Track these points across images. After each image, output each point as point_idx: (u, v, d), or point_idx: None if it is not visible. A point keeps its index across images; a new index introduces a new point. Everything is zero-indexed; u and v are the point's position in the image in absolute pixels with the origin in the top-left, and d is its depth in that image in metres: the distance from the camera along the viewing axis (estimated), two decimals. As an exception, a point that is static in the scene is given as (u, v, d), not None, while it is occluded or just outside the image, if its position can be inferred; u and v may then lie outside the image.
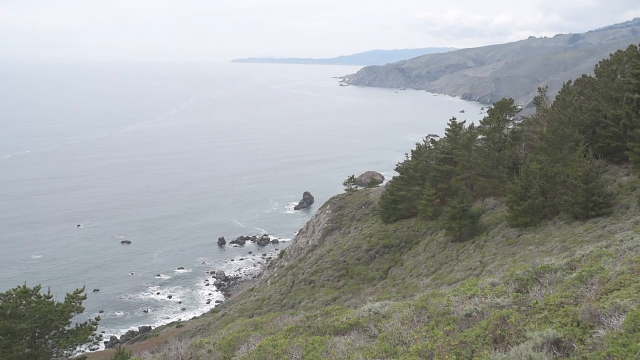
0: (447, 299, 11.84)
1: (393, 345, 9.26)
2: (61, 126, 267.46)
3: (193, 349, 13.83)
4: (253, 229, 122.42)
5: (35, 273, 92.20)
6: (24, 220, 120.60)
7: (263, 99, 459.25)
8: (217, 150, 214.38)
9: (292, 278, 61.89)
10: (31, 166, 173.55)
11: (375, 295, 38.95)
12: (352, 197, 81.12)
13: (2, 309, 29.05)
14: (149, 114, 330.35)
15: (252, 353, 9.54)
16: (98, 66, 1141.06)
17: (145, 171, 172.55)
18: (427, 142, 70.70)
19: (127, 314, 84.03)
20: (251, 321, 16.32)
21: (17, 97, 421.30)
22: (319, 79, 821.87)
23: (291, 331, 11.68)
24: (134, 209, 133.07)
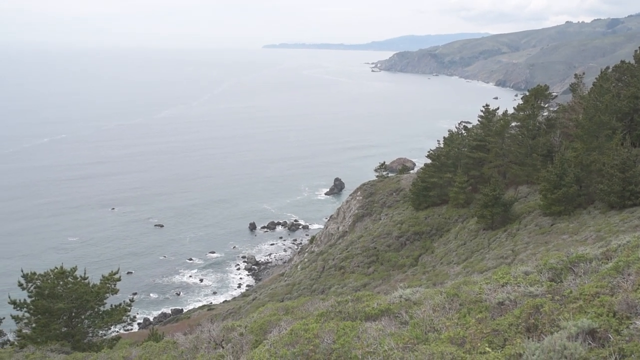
0: (479, 287, 11.77)
1: (424, 332, 9.26)
2: (96, 111, 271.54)
3: (225, 332, 14.01)
4: (284, 215, 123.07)
5: (71, 255, 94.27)
6: (61, 205, 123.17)
7: (294, 85, 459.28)
8: (248, 136, 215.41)
9: (323, 264, 62.11)
10: (67, 152, 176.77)
11: (405, 282, 38.85)
12: (383, 183, 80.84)
13: (40, 289, 29.86)
14: (182, 99, 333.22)
15: (283, 337, 9.63)
16: (130, 52, 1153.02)
17: (179, 157, 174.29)
18: (459, 129, 69.89)
19: (160, 297, 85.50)
20: (282, 305, 16.47)
21: (53, 83, 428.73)
22: (351, 65, 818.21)
23: (322, 316, 11.74)
24: (167, 194, 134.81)
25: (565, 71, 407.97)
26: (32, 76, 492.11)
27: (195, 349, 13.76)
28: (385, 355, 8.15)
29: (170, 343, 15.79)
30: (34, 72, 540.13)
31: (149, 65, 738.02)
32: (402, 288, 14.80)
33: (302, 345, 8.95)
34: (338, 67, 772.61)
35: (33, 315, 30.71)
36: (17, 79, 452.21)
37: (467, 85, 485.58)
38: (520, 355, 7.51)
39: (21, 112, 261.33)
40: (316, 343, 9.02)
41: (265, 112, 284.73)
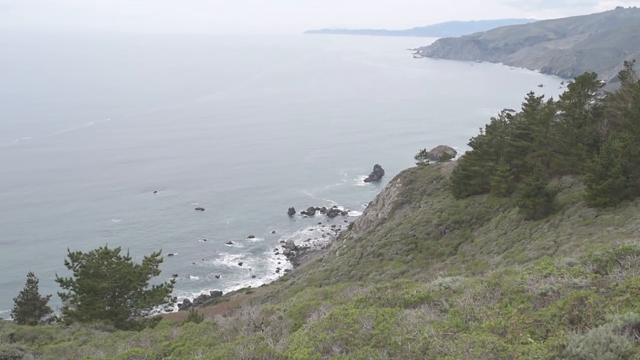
0: (521, 277, 11.61)
1: (465, 321, 9.19)
2: (138, 97, 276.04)
3: (264, 315, 14.16)
4: (323, 201, 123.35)
5: (114, 236, 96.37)
6: (105, 188, 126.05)
7: (334, 71, 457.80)
8: (288, 122, 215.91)
9: (361, 250, 62.14)
10: (111, 136, 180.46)
11: (444, 270, 38.57)
12: (423, 171, 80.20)
13: (85, 269, 30.65)
14: (223, 85, 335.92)
15: (323, 321, 9.69)
16: (171, 39, 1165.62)
17: (220, 143, 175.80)
18: (502, 117, 68.65)
19: (200, 279, 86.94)
20: (321, 290, 16.55)
21: (96, 68, 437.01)
22: (392, 51, 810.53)
23: (361, 302, 11.77)
24: (208, 179, 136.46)
25: (614, 58, 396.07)
26: (76, 61, 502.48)
27: (235, 330, 13.95)
28: (425, 343, 8.13)
29: (210, 324, 16.05)
30: (77, 57, 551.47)
31: (190, 51, 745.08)
32: (441, 276, 14.71)
33: (342, 330, 9.00)
34: (379, 53, 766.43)
35: (78, 294, 31.58)
36: (61, 64, 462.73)
37: (511, 73, 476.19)
38: (564, 346, 7.39)
39: (67, 96, 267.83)
40: (355, 328, 9.05)
41: (305, 98, 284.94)
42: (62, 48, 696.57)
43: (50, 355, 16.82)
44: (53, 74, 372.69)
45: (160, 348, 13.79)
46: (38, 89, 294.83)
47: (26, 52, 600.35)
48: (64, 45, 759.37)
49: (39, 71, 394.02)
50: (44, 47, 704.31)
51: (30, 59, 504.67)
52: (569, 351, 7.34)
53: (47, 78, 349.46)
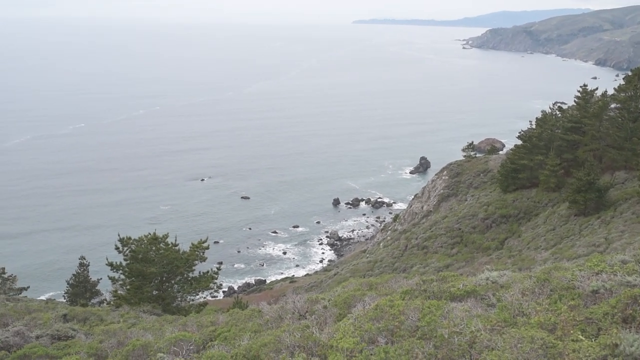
0: (571, 273, 11.36)
1: (513, 316, 9.06)
2: (187, 86, 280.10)
3: (309, 304, 14.25)
4: (368, 192, 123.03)
5: (162, 223, 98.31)
6: (154, 176, 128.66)
7: (382, 62, 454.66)
8: (335, 113, 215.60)
9: (405, 242, 61.82)
10: (160, 125, 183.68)
11: (490, 265, 38.04)
12: (470, 163, 79.10)
13: (135, 253, 31.46)
14: (271, 75, 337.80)
15: (368, 312, 9.69)
16: (219, 28, 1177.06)
17: (266, 134, 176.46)
18: (553, 110, 66.96)
19: (244, 267, 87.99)
20: (366, 281, 16.55)
21: (145, 58, 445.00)
22: (441, 42, 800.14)
23: (407, 293, 11.72)
24: (254, 168, 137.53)
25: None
26: (120, 51, 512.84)
27: (280, 318, 14.09)
28: (472, 336, 8.05)
29: (255, 311, 16.25)
30: (127, 47, 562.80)
31: (238, 41, 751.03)
32: (488, 270, 14.52)
33: (387, 321, 8.99)
34: (427, 43, 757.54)
35: (128, 278, 32.47)
36: (105, 54, 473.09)
37: (564, 64, 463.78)
38: (617, 345, 7.21)
39: (116, 86, 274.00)
40: (401, 320, 9.03)
41: (352, 89, 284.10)
42: (105, 38, 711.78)
43: (101, 336, 17.32)
44: (100, 64, 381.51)
45: (207, 333, 14.04)
46: (88, 78, 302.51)
47: (67, 43, 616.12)
48: (106, 36, 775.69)
49: (84, 61, 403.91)
50: (90, 38, 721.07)
51: (74, 49, 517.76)
52: (622, 350, 7.16)
53: (96, 68, 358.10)
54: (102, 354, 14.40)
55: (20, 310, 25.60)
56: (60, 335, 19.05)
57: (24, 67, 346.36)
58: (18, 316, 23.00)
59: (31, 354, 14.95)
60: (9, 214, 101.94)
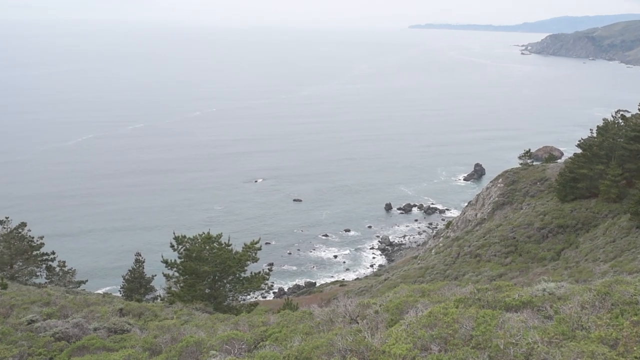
0: (634, 288, 10.96)
1: (572, 329, 8.80)
2: (242, 89, 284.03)
3: (361, 308, 14.21)
4: (420, 198, 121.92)
5: (216, 223, 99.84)
6: (209, 178, 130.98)
7: (438, 67, 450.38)
8: (388, 119, 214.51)
9: (458, 250, 60.93)
10: (217, 128, 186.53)
11: (545, 276, 37.12)
12: (526, 172, 77.39)
13: (189, 252, 32.05)
14: (324, 79, 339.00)
15: (421, 318, 9.59)
16: (273, 32, 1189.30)
17: (320, 139, 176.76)
18: (616, 118, 64.77)
19: (295, 268, 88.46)
20: (418, 287, 16.38)
21: (196, 61, 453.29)
22: (498, 47, 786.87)
23: (460, 302, 11.54)
24: (308, 172, 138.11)
25: None
26: (190, 53, 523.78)
27: (331, 321, 14.09)
28: (528, 348, 7.87)
29: (306, 313, 16.30)
30: (192, 50, 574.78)
31: (292, 44, 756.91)
32: (545, 281, 14.17)
33: (441, 329, 8.87)
34: (485, 49, 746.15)
35: (181, 275, 33.09)
36: (161, 57, 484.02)
37: (628, 71, 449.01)
38: (683, 364, 6.92)
39: (173, 87, 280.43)
40: (455, 328, 8.89)
41: (406, 94, 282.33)
42: (159, 42, 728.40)
43: (155, 332, 17.69)
44: (153, 67, 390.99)
45: (258, 333, 14.16)
46: (144, 80, 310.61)
47: (122, 45, 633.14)
48: (160, 40, 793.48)
49: (137, 64, 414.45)
50: (150, 41, 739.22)
51: (121, 53, 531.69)
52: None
53: (150, 71, 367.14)
54: (156, 349, 14.71)
55: (79, 302, 26.43)
56: (116, 328, 19.56)
57: (80, 69, 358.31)
58: (77, 308, 23.75)
59: (89, 345, 15.40)
60: (69, 213, 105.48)
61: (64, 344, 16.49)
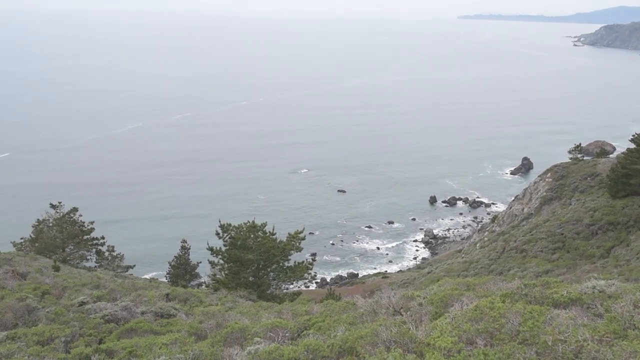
0: (690, 288, 10.60)
1: (623, 328, 8.58)
2: (288, 79, 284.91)
3: (404, 300, 14.15)
4: (465, 191, 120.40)
5: (261, 212, 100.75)
6: (255, 168, 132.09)
7: (487, 59, 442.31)
8: (435, 111, 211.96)
9: (503, 245, 59.98)
10: (263, 118, 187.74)
11: (594, 273, 36.18)
12: (576, 166, 75.48)
13: (234, 240, 32.47)
14: (371, 70, 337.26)
15: (467, 312, 9.49)
16: (323, 23, 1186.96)
17: (365, 131, 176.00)
18: (673, 113, 62.48)
19: (338, 259, 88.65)
20: (463, 281, 16.21)
21: (243, 52, 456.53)
22: (550, 38, 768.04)
23: (507, 296, 11.38)
24: (352, 164, 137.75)
25: None
26: (236, 44, 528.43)
27: (374, 312, 14.08)
28: (578, 345, 7.70)
29: (350, 304, 16.34)
30: (239, 41, 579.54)
31: (340, 35, 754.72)
32: (595, 278, 13.85)
33: (487, 323, 8.77)
34: (535, 40, 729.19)
35: (226, 263, 33.58)
36: (212, 47, 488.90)
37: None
38: None
39: (221, 77, 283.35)
40: (502, 323, 8.78)
41: (454, 87, 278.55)
42: (207, 34, 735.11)
43: (201, 317, 18.02)
44: (207, 57, 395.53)
45: (301, 322, 14.26)
46: (196, 70, 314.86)
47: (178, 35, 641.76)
48: (208, 31, 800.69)
49: (191, 54, 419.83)
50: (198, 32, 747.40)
51: (180, 43, 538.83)
52: None
53: (203, 60, 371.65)
54: (201, 334, 14.99)
55: (128, 286, 27.11)
56: (163, 313, 20.00)
57: (134, 58, 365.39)
58: (125, 292, 24.37)
59: (137, 328, 15.79)
60: (117, 200, 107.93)
61: (113, 326, 16.96)
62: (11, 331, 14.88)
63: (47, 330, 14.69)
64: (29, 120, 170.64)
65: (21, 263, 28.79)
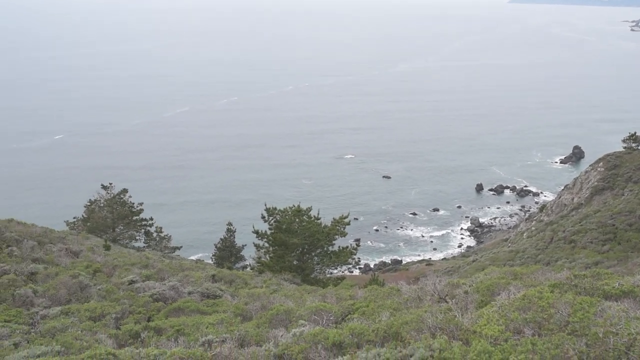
0: None
1: (679, 322, 8.31)
2: (333, 64, 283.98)
3: (450, 288, 14.06)
4: (513, 179, 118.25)
5: (305, 196, 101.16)
6: (300, 153, 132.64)
7: (538, 44, 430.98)
8: (483, 97, 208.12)
9: (551, 235, 58.79)
10: (308, 103, 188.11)
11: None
12: (630, 156, 73.20)
13: (279, 223, 32.76)
14: (420, 53, 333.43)
15: (514, 301, 9.36)
16: (363, 7, 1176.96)
17: (412, 118, 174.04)
18: None
19: (382, 245, 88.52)
20: (510, 270, 15.99)
21: (288, 37, 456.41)
22: (606, 23, 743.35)
23: (556, 287, 11.16)
24: (398, 151, 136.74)
25: None
26: (281, 29, 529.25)
27: (419, 299, 14.03)
28: (630, 338, 7.51)
29: (394, 290, 16.32)
30: (284, 26, 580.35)
31: (387, 19, 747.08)
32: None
33: (535, 313, 8.62)
34: (590, 24, 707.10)
35: (271, 246, 33.92)
36: (273, 31, 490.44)
37: None
38: None
39: (270, 62, 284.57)
40: (550, 313, 8.62)
41: (504, 72, 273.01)
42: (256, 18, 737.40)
43: (246, 299, 18.28)
44: (254, 42, 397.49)
45: (345, 306, 14.32)
46: (242, 56, 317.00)
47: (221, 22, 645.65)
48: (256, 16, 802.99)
49: (240, 39, 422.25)
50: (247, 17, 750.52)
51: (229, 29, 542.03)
52: None
53: (250, 45, 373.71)
54: (247, 315, 15.21)
55: (175, 267, 27.69)
56: (209, 293, 20.38)
57: (175, 44, 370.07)
58: (173, 272, 24.91)
59: (184, 307, 16.14)
60: (165, 184, 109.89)
61: (161, 304, 17.37)
62: (65, 306, 15.41)
63: (99, 306, 15.16)
64: (80, 104, 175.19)
65: (74, 241, 29.71)
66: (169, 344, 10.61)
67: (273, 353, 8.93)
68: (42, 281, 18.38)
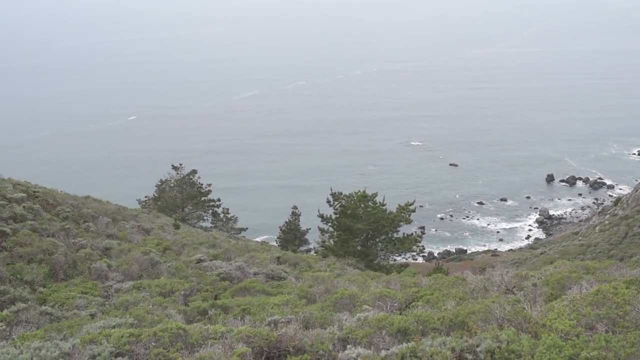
0: None
1: None
2: (401, 49, 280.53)
3: (518, 279, 13.76)
4: (586, 170, 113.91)
5: (371, 183, 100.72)
6: (367, 140, 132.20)
7: (624, 30, 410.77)
8: (558, 86, 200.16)
9: (626, 229, 56.45)
10: (376, 90, 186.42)
11: None
12: None
13: (344, 208, 32.85)
14: (489, 40, 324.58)
15: (587, 296, 9.06)
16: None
17: (484, 106, 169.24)
18: None
19: (447, 234, 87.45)
20: (582, 264, 15.50)
21: (357, 21, 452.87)
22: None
23: (631, 283, 10.73)
24: (467, 140, 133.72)
25: None
26: (353, 12, 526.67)
27: (485, 289, 13.79)
28: None
29: (459, 279, 16.11)
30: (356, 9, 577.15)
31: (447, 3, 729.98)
32: None
33: (609, 309, 8.32)
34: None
35: (336, 231, 34.08)
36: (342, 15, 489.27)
37: None
38: None
39: (335, 47, 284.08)
40: (626, 310, 8.30)
41: (581, 60, 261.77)
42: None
43: (310, 282, 18.46)
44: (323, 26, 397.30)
45: (410, 293, 14.25)
46: (310, 40, 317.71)
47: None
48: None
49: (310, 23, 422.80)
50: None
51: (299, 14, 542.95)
52: None
53: (319, 29, 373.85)
54: (311, 298, 15.37)
55: (241, 248, 28.26)
56: (274, 275, 20.71)
57: (240, 28, 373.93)
58: (239, 253, 25.42)
59: (250, 287, 16.48)
60: (232, 167, 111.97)
61: (227, 283, 17.79)
62: (137, 281, 16.02)
63: (169, 283, 15.67)
64: (152, 86, 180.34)
65: (145, 220, 30.75)
66: (236, 322, 10.85)
67: (337, 336, 8.99)
68: (115, 256, 19.14)
